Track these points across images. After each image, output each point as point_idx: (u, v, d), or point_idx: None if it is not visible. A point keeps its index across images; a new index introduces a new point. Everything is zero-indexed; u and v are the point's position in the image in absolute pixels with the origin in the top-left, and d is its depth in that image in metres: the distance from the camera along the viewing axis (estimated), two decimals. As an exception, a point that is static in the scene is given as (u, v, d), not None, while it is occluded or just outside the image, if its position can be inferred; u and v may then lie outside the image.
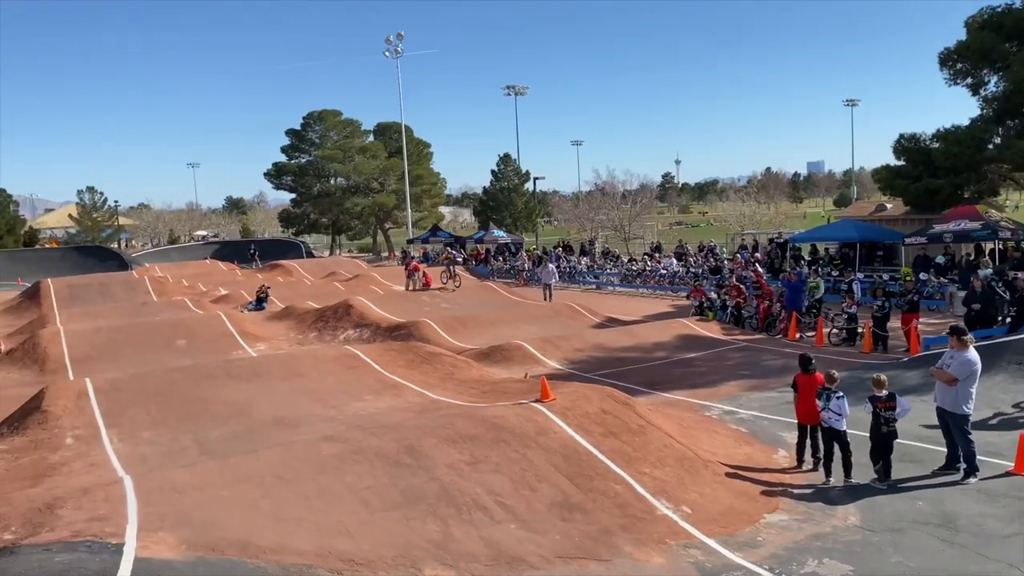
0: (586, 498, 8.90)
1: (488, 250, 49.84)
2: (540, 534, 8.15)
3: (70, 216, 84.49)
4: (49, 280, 36.32)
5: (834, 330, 19.91)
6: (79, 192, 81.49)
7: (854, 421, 10.37)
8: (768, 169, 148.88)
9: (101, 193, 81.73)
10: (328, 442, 9.65)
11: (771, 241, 34.72)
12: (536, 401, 11.07)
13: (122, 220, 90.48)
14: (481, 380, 14.86)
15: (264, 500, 8.13)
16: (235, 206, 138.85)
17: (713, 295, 24.41)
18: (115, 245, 76.28)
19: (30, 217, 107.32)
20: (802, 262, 29.70)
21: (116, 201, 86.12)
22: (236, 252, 61.60)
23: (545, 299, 30.26)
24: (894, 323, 19.41)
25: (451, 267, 34.03)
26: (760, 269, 27.42)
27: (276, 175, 74.54)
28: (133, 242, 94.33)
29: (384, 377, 14.99)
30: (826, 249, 32.00)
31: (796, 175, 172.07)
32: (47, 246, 76.68)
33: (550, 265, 33.51)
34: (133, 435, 11.65)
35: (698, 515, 8.79)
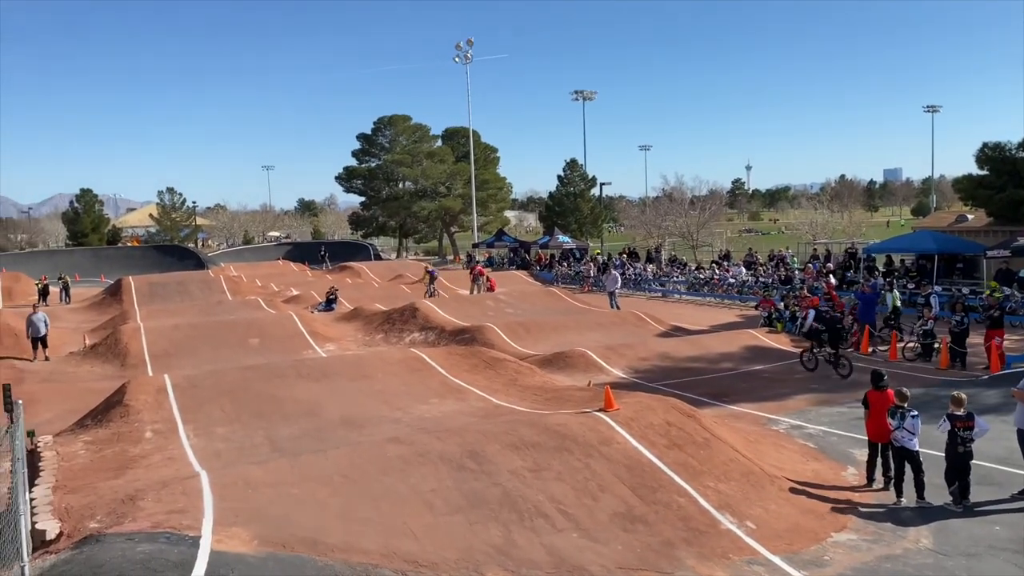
0: (649, 510, 8.87)
1: (552, 255, 49.85)
2: (602, 544, 8.16)
3: (151, 216, 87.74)
4: (130, 278, 37.85)
5: (909, 344, 19.31)
6: (159, 192, 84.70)
7: (929, 440, 10.08)
8: (842, 176, 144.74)
9: (180, 194, 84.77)
10: (394, 444, 9.84)
11: (846, 251, 33.84)
12: (600, 410, 11.07)
13: (199, 220, 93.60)
14: (544, 387, 14.91)
15: (332, 499, 8.35)
16: (307, 208, 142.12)
17: (782, 306, 23.93)
18: (192, 244, 78.90)
19: (113, 216, 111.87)
20: (876, 273, 28.87)
21: (194, 202, 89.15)
22: (307, 253, 63.15)
23: (611, 307, 30.08)
24: (974, 339, 18.71)
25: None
26: (832, 280, 26.77)
27: (347, 178, 76.02)
28: (210, 242, 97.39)
29: (448, 381, 15.18)
30: (902, 261, 31.03)
31: (872, 183, 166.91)
32: (129, 244, 79.95)
33: (614, 272, 33.33)
34: (208, 431, 12.08)
35: (763, 531, 8.66)
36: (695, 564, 7.96)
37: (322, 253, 60.49)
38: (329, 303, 31.15)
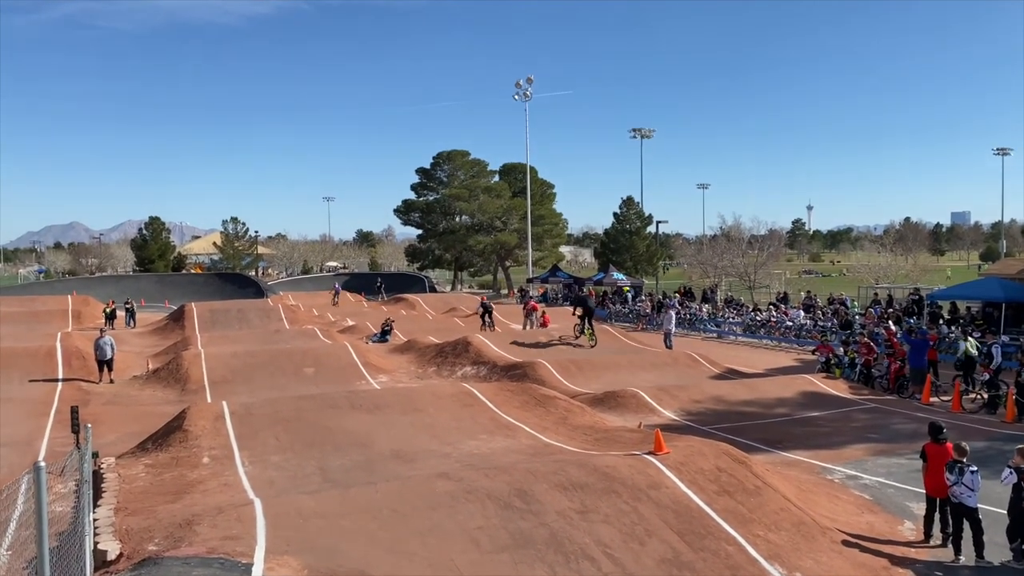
0: (696, 556, 8.77)
1: (606, 292, 49.74)
2: (647, 590, 8.09)
3: (215, 244, 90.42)
4: (193, 304, 38.98)
5: (971, 396, 18.71)
6: (223, 221, 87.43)
7: (990, 496, 9.76)
8: (907, 219, 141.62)
9: (243, 223, 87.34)
10: (442, 479, 9.94)
11: (910, 296, 33.01)
12: (649, 453, 11.01)
13: (261, 249, 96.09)
14: (594, 427, 14.87)
15: (381, 532, 8.47)
16: (365, 239, 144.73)
17: (841, 351, 23.46)
18: (253, 273, 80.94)
19: (179, 243, 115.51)
20: (940, 321, 28.09)
21: (256, 231, 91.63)
22: (364, 284, 64.19)
23: (665, 346, 29.82)
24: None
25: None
26: (893, 327, 26.15)
27: (405, 211, 77.32)
28: (270, 270, 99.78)
29: (498, 417, 15.24)
30: (968, 308, 30.14)
31: (938, 226, 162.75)
32: (192, 271, 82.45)
33: (671, 312, 33.10)
34: (263, 458, 12.35)
35: (814, 585, 8.47)
36: (743, 615, 7.82)
37: (379, 284, 61.46)
38: (384, 334, 31.60)
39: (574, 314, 28.97)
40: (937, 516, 9.90)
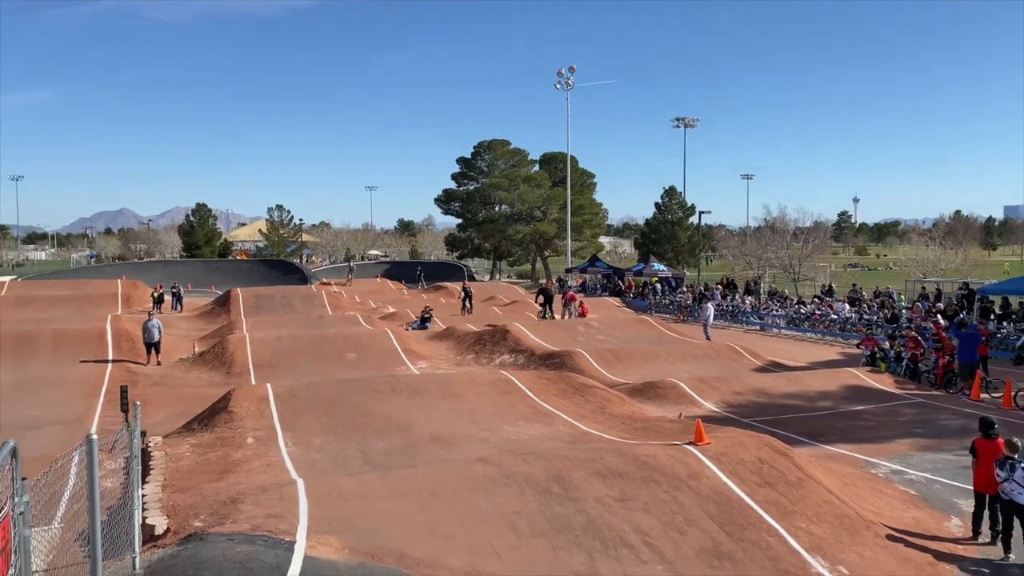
0: (736, 547, 8.69)
1: (646, 283, 49.40)
2: (686, 579, 8.04)
3: (260, 231, 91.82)
4: (238, 290, 39.63)
5: (1022, 392, 18.20)
6: (269, 209, 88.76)
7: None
8: (958, 212, 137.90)
9: (288, 211, 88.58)
10: (481, 464, 9.99)
11: (960, 291, 32.20)
12: (690, 443, 10.93)
13: (305, 237, 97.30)
14: (633, 416, 14.81)
15: (420, 514, 8.55)
16: (406, 228, 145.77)
17: (887, 345, 22.99)
18: (297, 260, 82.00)
19: (225, 230, 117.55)
20: (992, 316, 27.35)
21: (300, 219, 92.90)
22: (404, 272, 64.66)
23: (705, 337, 29.66)
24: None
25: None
26: (942, 321, 25.55)
27: (445, 200, 77.63)
28: (313, 258, 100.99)
29: (536, 404, 15.26)
30: (1021, 303, 29.31)
31: (991, 219, 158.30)
32: (238, 257, 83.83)
33: (709, 303, 32.83)
34: (305, 440, 12.54)
35: (856, 578, 8.34)
36: (783, 607, 7.74)
37: (419, 273, 61.84)
38: (423, 322, 31.80)
39: (536, 301, 34.99)
40: (986, 513, 9.66)
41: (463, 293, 37.70)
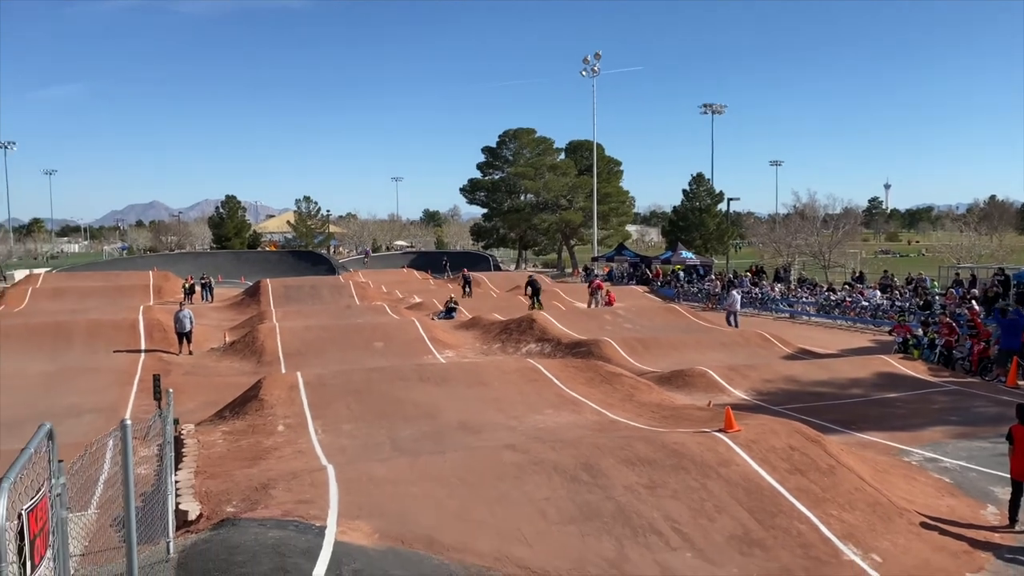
0: (767, 535, 8.62)
1: (674, 271, 49.08)
2: (717, 566, 8.00)
3: (288, 222, 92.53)
4: (268, 280, 40.03)
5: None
6: (297, 201, 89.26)
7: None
8: (993, 196, 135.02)
9: (315, 202, 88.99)
10: (509, 451, 10.00)
11: (995, 276, 31.59)
12: (719, 431, 10.86)
13: (332, 228, 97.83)
14: (661, 404, 14.74)
15: (449, 500, 8.58)
16: (431, 218, 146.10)
17: (920, 332, 22.64)
18: (325, 251, 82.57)
19: (254, 222, 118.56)
20: (1001, 301, 26.74)
21: (328, 210, 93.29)
22: (430, 262, 64.87)
23: (728, 324, 29.49)
24: None
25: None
26: (976, 307, 25.09)
27: (470, 190, 77.56)
28: (340, 249, 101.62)
29: (564, 392, 15.24)
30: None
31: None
32: (267, 249, 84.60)
33: (735, 292, 32.57)
34: (335, 427, 12.64)
35: (889, 565, 8.24)
36: (815, 594, 7.67)
37: (444, 262, 62.00)
38: (449, 311, 31.88)
39: (525, 293, 35.64)
40: None
41: (463, 280, 41.79)
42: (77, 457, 5.13)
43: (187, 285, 40.13)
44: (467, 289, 40.45)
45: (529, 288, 34.92)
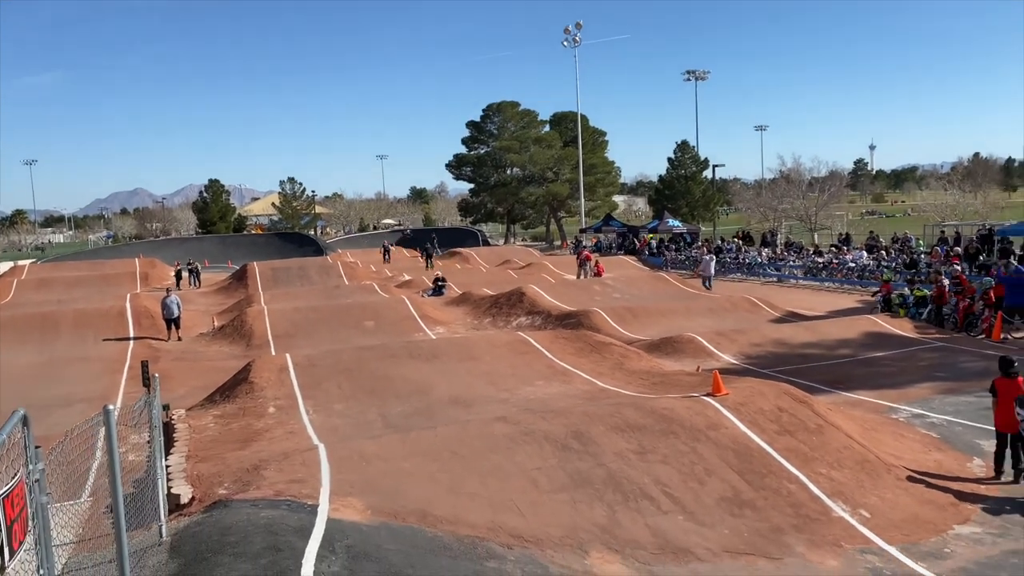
0: (757, 495, 8.72)
1: (662, 240, 49.14)
2: (708, 527, 8.09)
3: (273, 204, 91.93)
4: (255, 263, 39.83)
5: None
6: (281, 182, 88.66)
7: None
8: (976, 154, 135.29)
9: (300, 183, 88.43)
10: (500, 423, 10.04)
11: (978, 233, 31.77)
12: (708, 395, 10.93)
13: (318, 208, 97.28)
14: (651, 371, 14.81)
15: (441, 474, 8.62)
16: (418, 196, 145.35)
17: (906, 291, 22.77)
18: (312, 232, 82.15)
19: (239, 205, 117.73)
20: (1014, 257, 26.96)
21: (313, 191, 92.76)
22: (418, 240, 64.62)
23: (704, 286, 31.16)
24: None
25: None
26: (956, 267, 25.23)
27: (456, 166, 77.13)
28: (328, 229, 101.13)
29: (554, 364, 15.29)
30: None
31: (1011, 160, 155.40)
32: (253, 232, 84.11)
33: (705, 257, 34.26)
34: (326, 407, 12.66)
35: (878, 520, 8.36)
36: (805, 551, 7.78)
37: (432, 239, 61.91)
38: (439, 288, 31.84)
39: (421, 256, 44.77)
40: (1008, 452, 9.63)
41: (424, 252, 46.12)
42: (57, 443, 5.12)
43: (176, 271, 39.93)
44: (429, 261, 43.95)
45: (423, 252, 43.63)
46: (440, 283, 32.19)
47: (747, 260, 38.89)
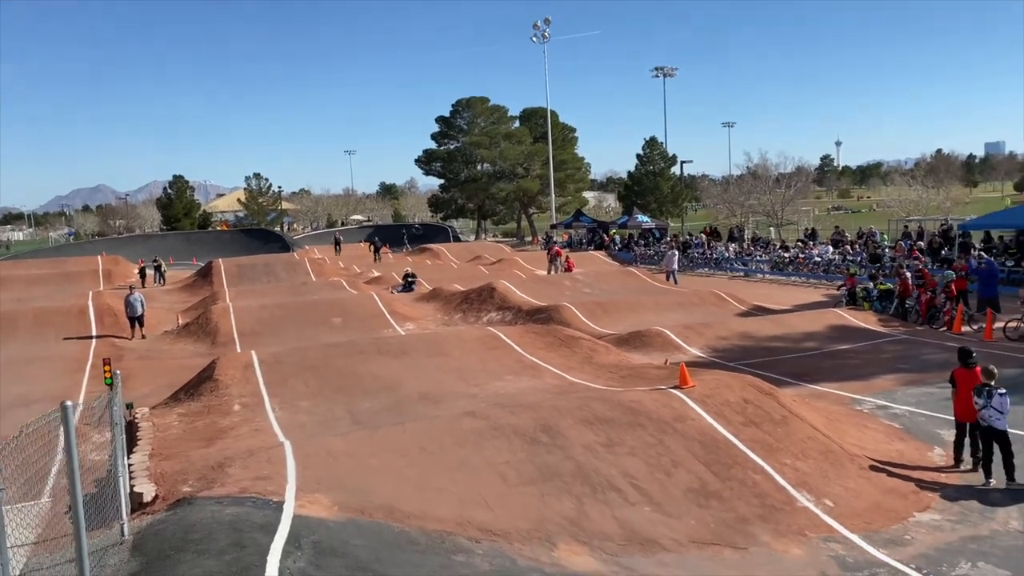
0: (723, 486, 8.80)
1: (631, 235, 49.41)
2: (674, 518, 8.15)
3: (239, 200, 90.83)
4: (220, 260, 39.30)
5: (1010, 324, 18.39)
6: (247, 178, 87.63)
7: (1020, 421, 9.64)
8: (939, 151, 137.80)
9: (266, 179, 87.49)
10: (469, 418, 10.02)
11: (940, 228, 32.35)
12: (675, 388, 11.00)
13: (285, 204, 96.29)
14: (619, 365, 14.89)
15: (409, 469, 8.58)
16: (388, 191, 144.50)
17: (870, 285, 23.12)
18: (278, 228, 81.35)
19: (203, 201, 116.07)
20: (975, 251, 27.49)
21: (280, 187, 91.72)
22: (388, 236, 64.30)
23: (668, 280, 31.62)
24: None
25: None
26: (917, 261, 25.69)
27: (426, 161, 76.87)
28: (295, 225, 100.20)
29: (524, 358, 15.31)
30: (1000, 237, 29.48)
31: (971, 157, 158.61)
32: (218, 228, 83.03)
33: (669, 252, 34.93)
34: (292, 404, 12.54)
35: (841, 509, 8.49)
36: (770, 540, 7.87)
37: (404, 233, 61.85)
38: (408, 284, 31.72)
39: (369, 249, 48.81)
40: (967, 441, 9.82)
41: (372, 246, 49.48)
42: (12, 437, 5.01)
43: (140, 269, 39.29)
44: (377, 256, 47.03)
45: (371, 245, 48.77)
46: (410, 279, 32.06)
47: (714, 255, 39.25)
